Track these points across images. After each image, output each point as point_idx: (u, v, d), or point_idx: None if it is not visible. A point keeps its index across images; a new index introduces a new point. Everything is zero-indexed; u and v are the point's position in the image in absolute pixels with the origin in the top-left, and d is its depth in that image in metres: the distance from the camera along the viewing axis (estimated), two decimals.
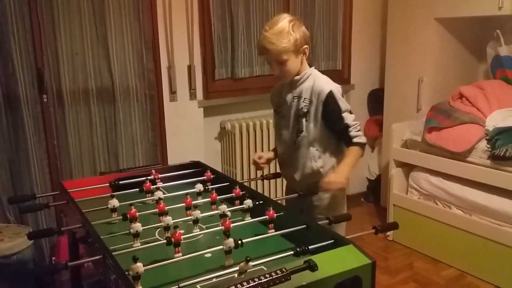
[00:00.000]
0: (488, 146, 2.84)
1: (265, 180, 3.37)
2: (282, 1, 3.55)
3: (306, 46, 1.87)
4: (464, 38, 3.66)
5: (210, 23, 3.25)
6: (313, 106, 1.89)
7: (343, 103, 1.87)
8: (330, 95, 1.85)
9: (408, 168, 3.41)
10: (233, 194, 1.83)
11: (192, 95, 3.27)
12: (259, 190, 3.44)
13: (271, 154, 2.16)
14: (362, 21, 3.98)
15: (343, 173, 1.83)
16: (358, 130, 1.89)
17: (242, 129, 3.39)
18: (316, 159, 1.95)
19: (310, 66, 1.95)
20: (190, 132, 3.29)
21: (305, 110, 1.91)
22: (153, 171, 2.10)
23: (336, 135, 1.94)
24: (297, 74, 1.91)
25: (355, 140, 1.87)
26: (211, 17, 3.24)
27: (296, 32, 1.81)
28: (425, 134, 3.17)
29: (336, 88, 1.88)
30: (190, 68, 3.22)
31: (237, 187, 1.85)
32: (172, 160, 3.15)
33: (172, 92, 3.17)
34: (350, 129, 1.87)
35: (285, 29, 1.79)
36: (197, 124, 3.33)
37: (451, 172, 3.04)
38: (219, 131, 3.53)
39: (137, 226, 1.51)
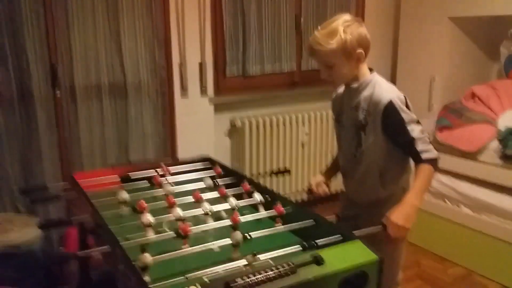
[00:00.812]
0: (500, 146, 2.82)
1: (274, 177, 3.39)
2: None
3: (360, 50, 1.64)
4: (477, 37, 3.63)
5: (222, 20, 3.26)
6: (371, 117, 1.68)
7: (406, 114, 1.63)
8: (390, 105, 1.63)
9: None
10: (242, 189, 1.84)
11: (203, 92, 3.28)
12: (268, 186, 3.44)
13: (326, 188, 1.96)
14: (374, 19, 3.96)
15: (408, 212, 1.55)
16: (428, 143, 1.65)
17: (252, 126, 3.40)
18: (378, 187, 1.76)
19: (371, 71, 1.74)
20: (200, 129, 3.30)
21: (364, 122, 1.71)
22: (163, 165, 2.12)
23: (402, 151, 1.71)
24: (356, 81, 1.72)
25: (423, 156, 1.62)
26: (223, 14, 3.25)
27: (349, 33, 1.61)
28: (436, 133, 3.15)
29: (397, 97, 1.65)
30: (201, 65, 3.23)
31: (246, 182, 1.86)
32: (182, 156, 3.17)
33: (183, 88, 3.18)
34: (416, 143, 1.63)
35: (336, 30, 1.61)
36: (207, 120, 3.35)
37: (462, 172, 3.02)
38: (229, 128, 3.54)
39: (149, 217, 1.51)
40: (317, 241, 1.38)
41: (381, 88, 1.68)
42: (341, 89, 1.87)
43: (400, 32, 3.83)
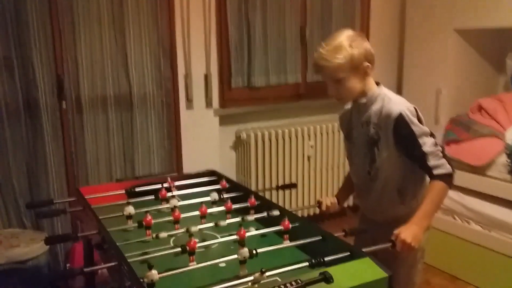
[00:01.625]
0: (508, 160, 2.79)
1: (280, 191, 3.37)
2: (300, 10, 3.55)
3: (367, 64, 1.64)
4: (483, 49, 3.62)
5: (227, 32, 3.27)
6: (383, 132, 1.65)
7: (417, 127, 1.60)
8: (400, 118, 1.60)
9: None
10: (248, 204, 1.82)
11: (208, 104, 3.28)
12: (274, 201, 3.43)
13: (333, 200, 1.92)
14: (380, 31, 3.97)
15: (416, 232, 1.52)
16: (440, 158, 1.60)
17: (258, 139, 3.39)
18: (397, 203, 1.73)
19: (378, 85, 1.73)
20: (205, 141, 3.29)
21: (376, 137, 1.68)
22: (169, 179, 2.11)
23: (416, 164, 1.66)
24: (363, 96, 1.70)
25: (435, 172, 1.58)
26: (228, 26, 3.26)
27: (355, 48, 1.61)
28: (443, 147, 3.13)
29: (407, 109, 1.62)
30: (206, 77, 3.23)
31: (252, 196, 1.85)
32: (187, 168, 3.16)
33: (189, 100, 3.18)
34: (428, 157, 1.59)
35: (341, 45, 1.61)
36: (212, 132, 3.34)
37: (470, 187, 2.98)
38: (234, 140, 3.53)
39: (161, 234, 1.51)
40: (325, 257, 1.36)
41: (391, 101, 1.66)
42: (348, 105, 1.85)
43: (405, 45, 3.83)
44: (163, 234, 1.52)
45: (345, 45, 1.61)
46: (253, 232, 1.60)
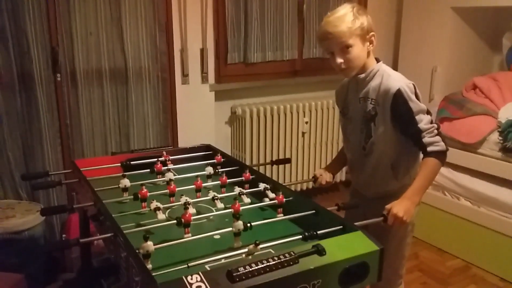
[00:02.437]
0: (500, 138, 2.82)
1: (274, 166, 3.40)
2: None
3: (373, 33, 1.65)
4: (479, 28, 3.61)
5: (224, 6, 3.24)
6: (380, 107, 1.66)
7: (414, 103, 1.61)
8: (398, 94, 1.60)
9: None
10: (243, 178, 1.84)
11: (204, 79, 3.27)
12: (268, 175, 3.45)
13: (329, 177, 1.93)
14: (377, 9, 3.94)
15: (408, 206, 1.55)
16: (434, 135, 1.62)
17: (253, 114, 3.40)
18: (391, 178, 1.75)
19: (378, 61, 1.72)
20: (201, 116, 3.30)
21: (373, 113, 1.68)
22: (164, 152, 2.12)
23: (411, 141, 1.68)
24: (362, 72, 1.69)
25: (429, 149, 1.60)
26: (225, 1, 3.23)
27: (362, 16, 1.62)
28: None
29: (406, 86, 1.62)
30: (202, 51, 3.21)
31: (247, 171, 1.87)
32: (182, 143, 3.17)
33: (184, 75, 3.17)
34: (423, 134, 1.60)
35: (348, 13, 1.61)
36: (208, 107, 3.34)
37: (461, 164, 3.02)
38: (229, 115, 3.54)
39: (156, 203, 1.53)
40: (318, 231, 1.39)
41: (390, 77, 1.66)
42: (344, 81, 1.85)
43: (402, 22, 3.81)
44: (159, 206, 1.54)
45: (353, 12, 1.62)
46: (247, 206, 1.63)
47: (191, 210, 1.47)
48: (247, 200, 1.67)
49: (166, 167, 1.97)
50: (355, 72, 1.70)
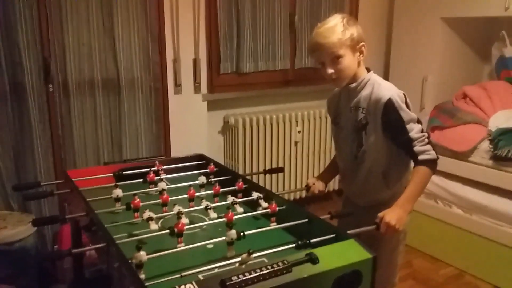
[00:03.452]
0: (490, 146, 2.85)
1: (267, 175, 3.40)
2: None
3: (363, 43, 1.67)
4: (469, 38, 3.66)
5: (216, 17, 3.26)
6: (372, 117, 1.68)
7: (405, 113, 1.62)
8: (389, 103, 1.62)
9: None
10: (236, 187, 1.84)
11: (197, 89, 3.28)
12: (261, 184, 3.46)
13: (322, 186, 1.94)
14: (368, 19, 3.98)
15: (400, 215, 1.56)
16: (425, 144, 1.63)
17: (246, 124, 3.41)
18: (382, 187, 1.76)
19: (369, 71, 1.75)
20: (193, 126, 3.30)
21: (364, 122, 1.70)
22: (157, 162, 2.12)
23: (402, 150, 1.69)
24: (354, 81, 1.71)
25: (420, 157, 1.61)
26: (217, 11, 3.25)
27: (353, 26, 1.64)
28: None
29: (397, 95, 1.64)
30: (195, 62, 3.23)
31: (240, 180, 1.87)
32: (175, 153, 3.17)
33: (177, 85, 3.18)
34: (414, 143, 1.62)
35: (339, 23, 1.63)
36: (201, 117, 3.35)
37: (452, 172, 3.04)
38: (222, 125, 3.54)
39: (149, 213, 1.53)
40: (311, 239, 1.39)
41: (380, 86, 1.67)
42: (336, 90, 1.87)
43: (393, 32, 3.85)
44: (152, 216, 1.54)
45: (343, 23, 1.63)
46: (240, 215, 1.63)
47: (184, 219, 1.46)
48: (240, 209, 1.67)
49: (158, 177, 1.97)
50: (346, 82, 1.71)
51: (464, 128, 3.01)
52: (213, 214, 1.62)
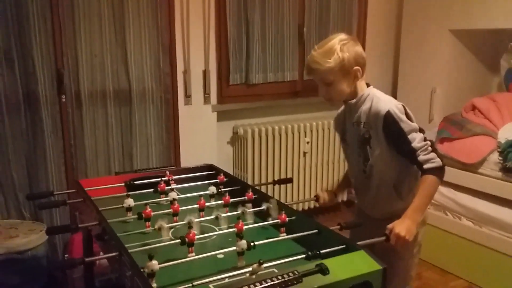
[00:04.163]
0: (500, 158, 2.84)
1: (276, 186, 3.41)
2: (298, 9, 3.59)
3: (357, 67, 1.67)
4: (478, 50, 3.67)
5: (226, 29, 3.30)
6: (374, 131, 1.70)
7: (405, 123, 1.63)
8: (388, 116, 1.63)
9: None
10: (246, 197, 1.86)
11: (206, 100, 3.31)
12: (270, 195, 3.46)
13: (329, 198, 1.99)
14: (376, 30, 4.01)
15: (409, 226, 1.56)
16: (429, 152, 1.63)
17: (255, 135, 3.43)
18: (395, 198, 1.76)
19: (368, 86, 1.76)
20: (203, 136, 3.33)
21: (367, 136, 1.72)
22: (167, 172, 2.14)
23: (408, 161, 1.69)
24: (353, 97, 1.74)
25: (425, 166, 1.62)
26: (227, 23, 3.29)
27: (346, 52, 1.64)
28: (436, 145, 3.18)
29: (395, 107, 1.65)
30: (205, 73, 3.26)
31: (250, 190, 1.88)
32: (184, 163, 3.19)
33: (187, 96, 3.21)
34: (417, 153, 1.62)
35: (333, 49, 1.64)
36: (210, 128, 3.37)
37: (462, 184, 3.03)
38: (231, 135, 3.57)
39: (161, 223, 1.55)
40: (320, 250, 1.39)
41: (379, 100, 1.69)
42: (341, 108, 1.89)
43: (401, 44, 3.87)
44: (163, 225, 1.55)
45: (336, 49, 1.64)
46: (250, 225, 1.64)
47: (195, 229, 1.48)
48: (250, 219, 1.69)
49: (169, 187, 1.99)
50: (340, 103, 1.78)
51: (473, 140, 3.01)
52: (223, 224, 1.63)
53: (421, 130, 1.67)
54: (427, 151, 1.63)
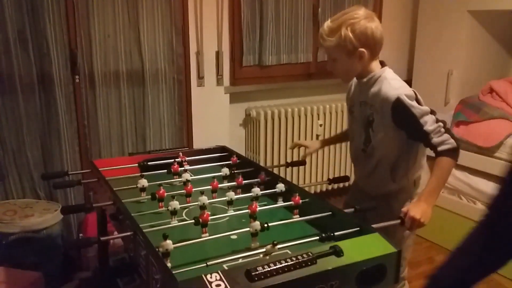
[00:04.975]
0: None
1: (289, 168, 3.41)
2: None
3: (362, 49, 1.62)
4: (496, 32, 3.59)
5: (239, 9, 3.26)
6: (378, 114, 1.68)
7: (416, 108, 1.60)
8: (399, 103, 1.60)
9: (433, 161, 3.37)
10: (259, 180, 1.85)
11: (219, 81, 3.29)
12: (283, 177, 3.46)
13: (317, 145, 2.12)
14: (393, 11, 3.93)
15: (424, 208, 1.55)
16: (442, 134, 1.60)
17: (267, 117, 3.41)
18: (389, 180, 1.77)
19: (383, 65, 1.71)
20: (215, 118, 3.32)
21: (371, 119, 1.71)
22: (180, 153, 2.14)
23: (420, 144, 1.71)
24: (365, 76, 1.70)
25: (439, 148, 1.59)
26: (241, 4, 3.25)
27: (350, 31, 1.59)
28: (452, 128, 3.14)
29: (405, 93, 1.61)
30: (218, 54, 3.24)
31: (263, 172, 1.88)
32: (197, 144, 3.19)
33: (200, 77, 3.20)
34: (430, 136, 1.60)
35: (340, 26, 1.60)
36: (222, 110, 3.36)
37: (477, 167, 3.00)
38: (244, 117, 3.55)
39: (175, 204, 1.55)
40: (334, 232, 1.39)
41: (389, 85, 1.64)
42: (354, 80, 1.86)
43: (418, 25, 3.80)
44: (177, 205, 1.56)
45: (342, 27, 1.60)
46: (263, 207, 1.64)
47: (208, 210, 1.48)
48: (263, 201, 1.68)
49: (182, 168, 1.99)
50: (345, 80, 1.81)
51: (490, 123, 2.96)
52: (236, 206, 1.63)
53: (432, 112, 1.64)
54: (440, 133, 1.60)
